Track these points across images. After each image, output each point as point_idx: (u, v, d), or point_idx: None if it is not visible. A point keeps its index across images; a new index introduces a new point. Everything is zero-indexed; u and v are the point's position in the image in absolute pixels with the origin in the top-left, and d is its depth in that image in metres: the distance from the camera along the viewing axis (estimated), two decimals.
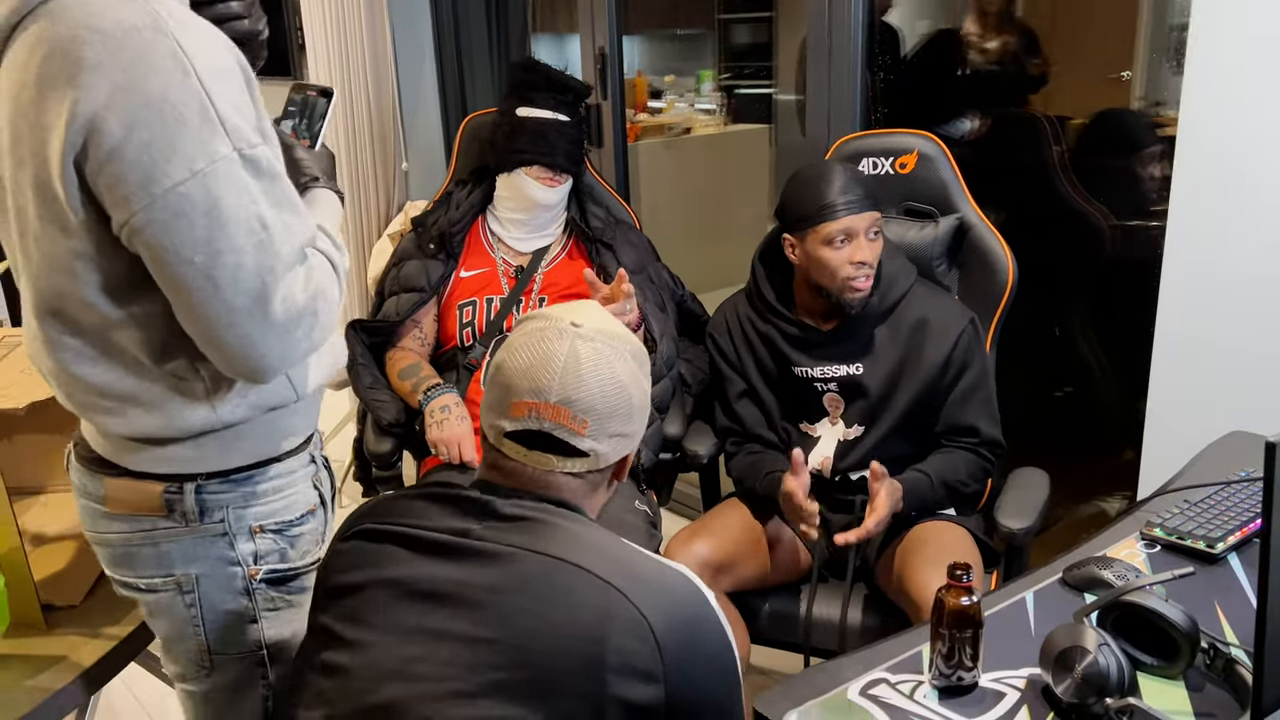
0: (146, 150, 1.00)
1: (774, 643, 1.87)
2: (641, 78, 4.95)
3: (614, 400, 1.09)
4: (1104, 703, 1.04)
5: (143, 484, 1.19)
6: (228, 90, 1.04)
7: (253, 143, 1.05)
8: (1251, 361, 1.75)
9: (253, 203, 1.05)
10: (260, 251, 1.05)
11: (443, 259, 2.19)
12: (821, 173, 1.79)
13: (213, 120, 1.02)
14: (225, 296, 1.05)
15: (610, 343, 1.11)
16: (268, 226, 1.05)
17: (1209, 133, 1.72)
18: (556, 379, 1.07)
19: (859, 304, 1.79)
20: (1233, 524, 1.41)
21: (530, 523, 1.07)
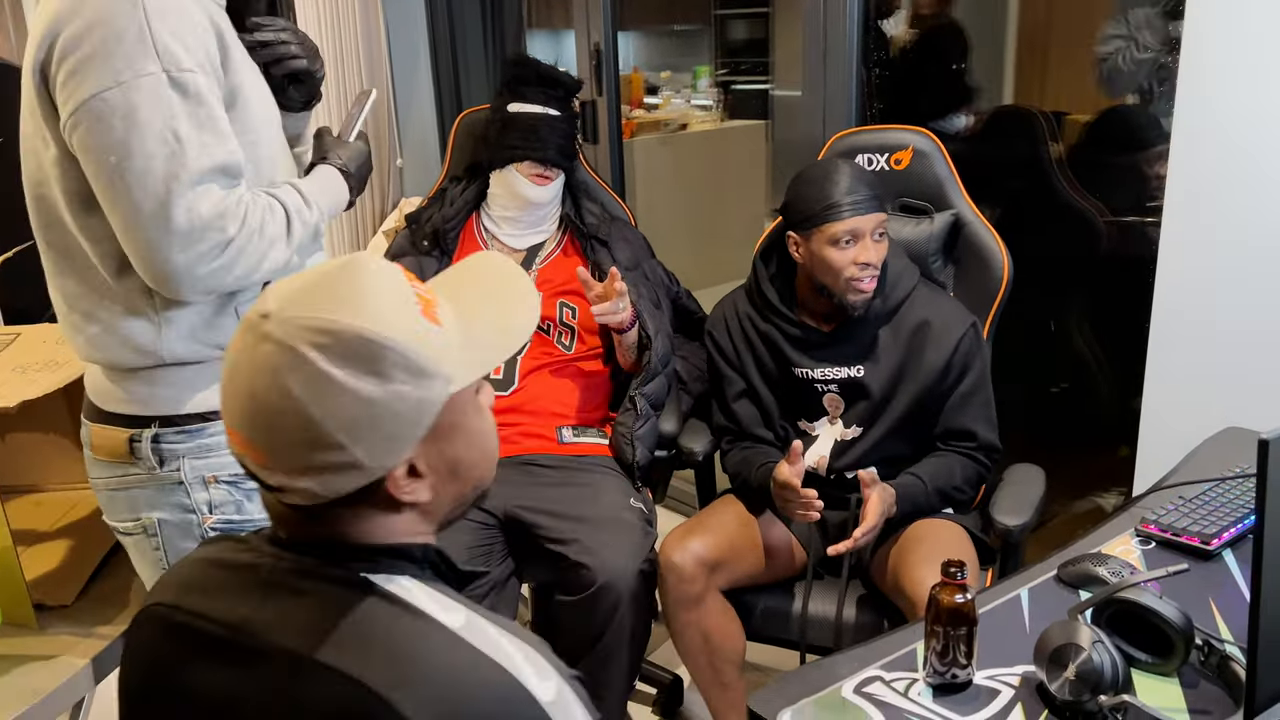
0: (85, 63, 1.15)
1: (769, 640, 1.87)
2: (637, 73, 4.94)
3: (289, 426, 0.79)
4: (1098, 700, 1.04)
5: (113, 429, 1.33)
6: (174, 23, 1.18)
7: (184, 67, 1.18)
8: (1247, 358, 1.75)
9: (171, 117, 1.17)
10: (170, 160, 1.17)
11: (437, 256, 2.18)
12: (828, 171, 1.78)
13: (147, 43, 1.16)
14: (135, 197, 1.17)
15: (295, 342, 0.78)
16: (181, 140, 1.18)
17: (1204, 129, 1.71)
18: (230, 395, 0.82)
19: (862, 306, 1.78)
20: (1227, 520, 1.41)
21: (307, 599, 0.83)
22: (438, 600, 0.82)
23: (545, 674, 0.79)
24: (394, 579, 0.83)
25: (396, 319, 0.82)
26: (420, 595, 0.82)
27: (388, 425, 0.81)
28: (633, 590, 1.78)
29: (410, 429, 0.82)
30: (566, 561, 1.81)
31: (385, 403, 0.80)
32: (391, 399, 0.80)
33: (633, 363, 2.11)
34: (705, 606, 1.77)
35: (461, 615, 0.81)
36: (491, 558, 1.86)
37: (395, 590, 0.83)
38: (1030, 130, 2.52)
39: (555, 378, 2.11)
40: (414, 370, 0.81)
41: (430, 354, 0.82)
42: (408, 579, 0.84)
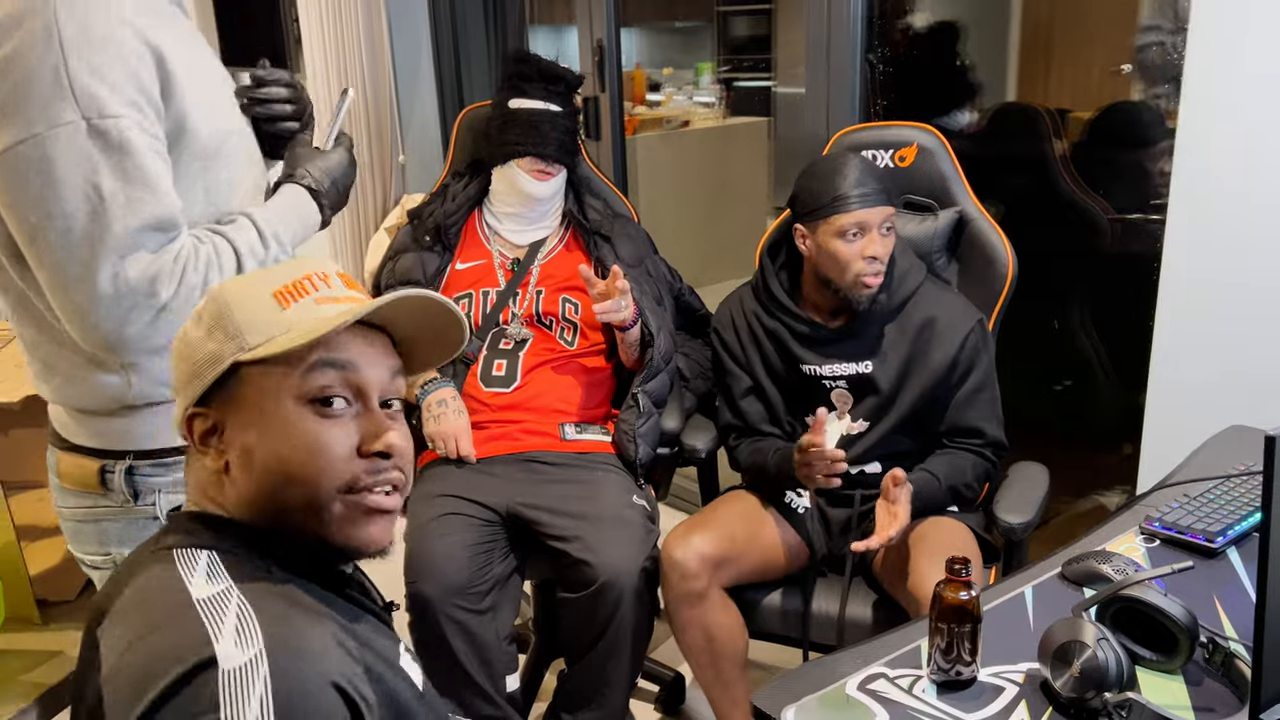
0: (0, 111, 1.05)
1: (772, 637, 1.86)
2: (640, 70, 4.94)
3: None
4: (1102, 697, 1.04)
5: (82, 459, 1.24)
6: (97, 60, 1.06)
7: (107, 113, 1.06)
8: (1251, 356, 1.74)
9: (93, 172, 1.07)
10: (92, 221, 1.07)
11: (439, 252, 2.18)
12: (837, 164, 1.78)
13: (63, 86, 1.05)
14: (57, 259, 1.08)
15: None
16: (104, 197, 1.07)
17: (1210, 126, 1.71)
18: None
19: (868, 300, 1.78)
20: (1232, 518, 1.41)
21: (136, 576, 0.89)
22: (212, 573, 0.84)
23: (246, 645, 0.77)
24: (199, 553, 0.86)
25: (250, 285, 0.92)
26: (200, 568, 0.85)
27: (190, 361, 0.91)
28: (635, 587, 1.78)
29: (202, 372, 0.90)
30: (568, 559, 1.80)
31: (196, 339, 0.91)
32: (200, 337, 0.90)
33: (635, 360, 2.10)
34: (708, 604, 1.77)
35: (218, 588, 0.83)
36: (494, 555, 1.85)
37: (182, 560, 0.86)
38: (1034, 127, 2.51)
39: (558, 374, 2.11)
40: (222, 325, 0.90)
41: (246, 315, 0.90)
42: (210, 554, 0.86)
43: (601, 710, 1.87)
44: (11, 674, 1.35)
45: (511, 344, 2.11)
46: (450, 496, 1.89)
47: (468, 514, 1.87)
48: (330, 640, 0.81)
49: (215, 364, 0.89)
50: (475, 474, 1.96)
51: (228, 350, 0.89)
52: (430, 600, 1.76)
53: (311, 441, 0.88)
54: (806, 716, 1.10)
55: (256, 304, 0.90)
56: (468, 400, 2.08)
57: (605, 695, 1.86)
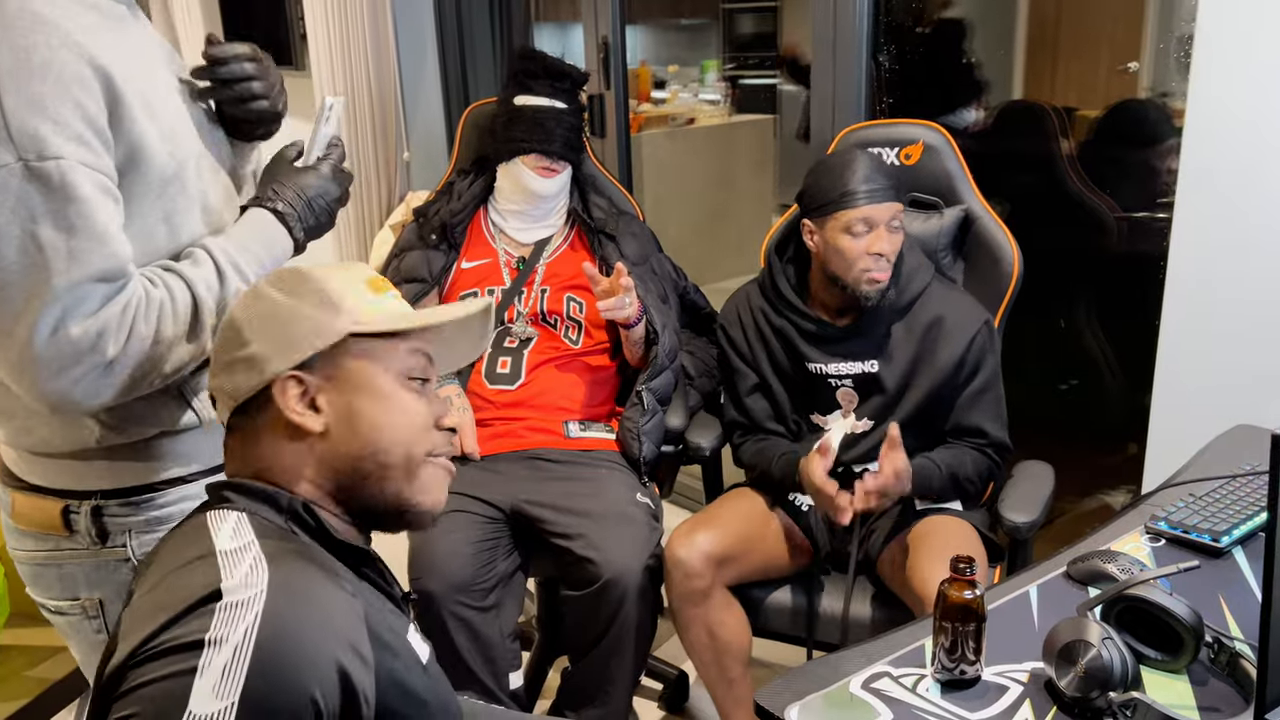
0: None
1: (775, 635, 1.86)
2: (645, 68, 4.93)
3: (224, 329, 1.02)
4: (1107, 697, 1.04)
5: (42, 500, 1.15)
6: (39, 91, 0.96)
7: (47, 154, 0.96)
8: (1257, 354, 1.74)
9: (30, 220, 0.96)
10: (30, 273, 0.97)
11: (444, 250, 2.18)
12: (846, 160, 1.77)
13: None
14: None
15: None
16: (43, 248, 0.97)
17: (1217, 124, 1.70)
18: None
19: (875, 296, 1.78)
20: (1238, 518, 1.40)
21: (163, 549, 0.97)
22: (238, 531, 0.90)
23: (251, 585, 0.82)
24: (229, 513, 0.92)
25: (334, 271, 1.01)
26: (227, 525, 0.90)
27: (284, 328, 0.97)
28: (639, 585, 1.78)
29: (304, 340, 0.96)
30: (572, 556, 1.80)
31: (288, 308, 0.97)
32: (294, 307, 0.98)
33: (640, 358, 2.10)
34: (711, 602, 1.77)
35: (241, 542, 0.88)
36: (498, 552, 1.85)
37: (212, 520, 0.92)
38: (1040, 125, 2.51)
39: (562, 372, 2.10)
40: (325, 300, 0.98)
41: (346, 295, 0.99)
42: (240, 515, 0.92)
43: (605, 708, 1.87)
44: (15, 670, 1.36)
45: (516, 342, 2.11)
46: (454, 494, 1.89)
47: (472, 511, 1.87)
48: (338, 598, 0.85)
49: (324, 334, 0.97)
50: (479, 471, 1.96)
51: (341, 322, 0.98)
52: (434, 597, 1.76)
53: (413, 411, 1.00)
54: (810, 715, 1.09)
55: (353, 287, 1.01)
56: (472, 398, 2.08)
57: (609, 693, 1.86)
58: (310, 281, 1.00)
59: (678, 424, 2.07)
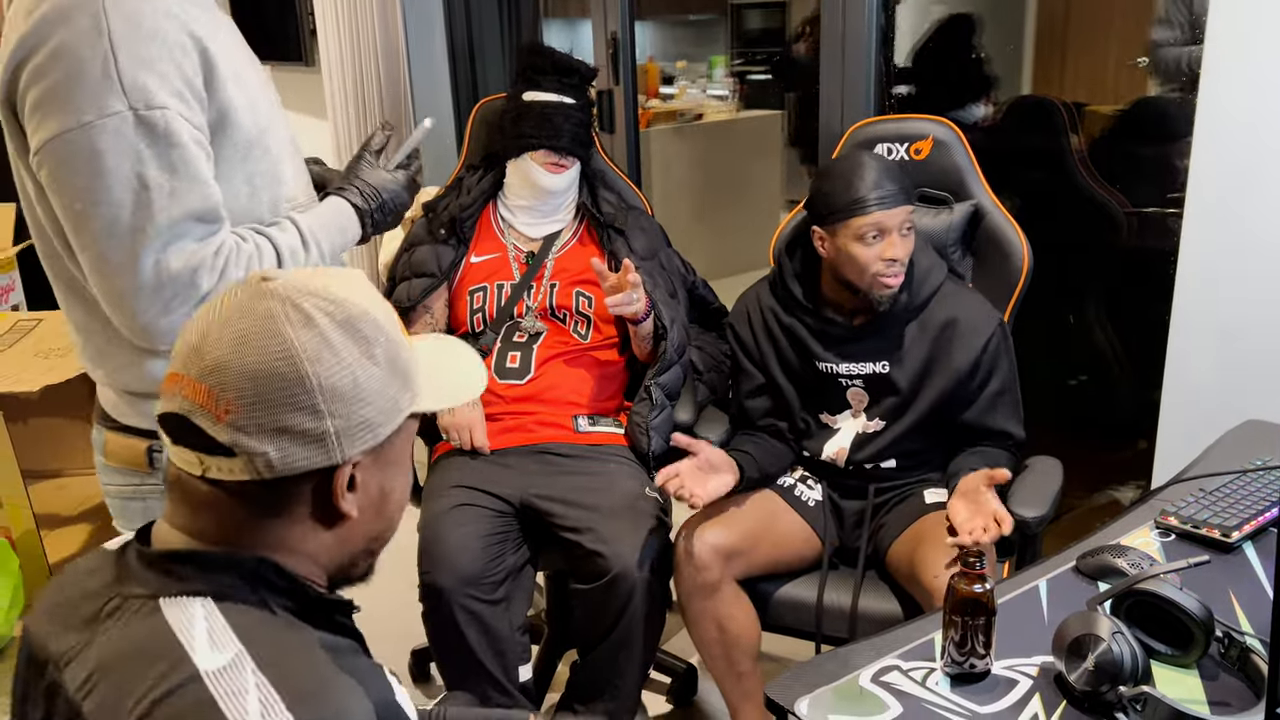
0: (48, 98, 1.07)
1: (784, 629, 1.86)
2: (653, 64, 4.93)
3: (276, 376, 0.77)
4: (1117, 691, 1.04)
5: (130, 439, 1.26)
6: (145, 51, 1.08)
7: (153, 104, 1.08)
8: (1267, 350, 1.74)
9: (138, 162, 1.08)
10: (137, 211, 1.09)
11: (454, 244, 2.18)
12: (854, 165, 1.75)
13: (112, 77, 1.06)
14: (100, 248, 1.10)
15: (300, 302, 0.79)
16: (149, 187, 1.09)
17: (1227, 121, 1.70)
18: (205, 343, 0.78)
19: (889, 301, 1.77)
20: (1248, 513, 1.40)
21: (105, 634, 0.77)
22: (214, 631, 0.76)
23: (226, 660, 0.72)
24: (192, 603, 0.77)
25: (385, 315, 0.85)
26: (198, 627, 0.75)
27: (365, 409, 0.80)
28: (647, 579, 1.78)
29: (380, 423, 0.82)
30: (581, 550, 1.81)
31: (370, 384, 0.81)
32: (376, 383, 0.81)
33: (648, 353, 2.10)
34: (720, 595, 1.77)
35: (227, 656, 0.73)
36: (507, 545, 1.86)
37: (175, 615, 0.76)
38: (1050, 121, 2.50)
39: (571, 367, 2.11)
40: (397, 368, 0.84)
41: (410, 366, 0.85)
42: (204, 602, 0.77)
43: (614, 701, 1.88)
44: None
45: (525, 337, 2.12)
46: (464, 488, 1.90)
47: (481, 505, 1.88)
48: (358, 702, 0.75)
49: (397, 414, 0.83)
50: (489, 465, 1.97)
51: (405, 400, 0.84)
52: (444, 590, 1.77)
53: (410, 476, 0.91)
54: (820, 708, 1.10)
55: (405, 346, 0.86)
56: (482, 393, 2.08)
57: (617, 686, 1.86)
58: (378, 327, 0.83)
59: (686, 418, 2.07)
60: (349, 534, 0.85)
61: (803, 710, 1.10)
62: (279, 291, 0.79)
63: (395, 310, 0.89)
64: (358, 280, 0.86)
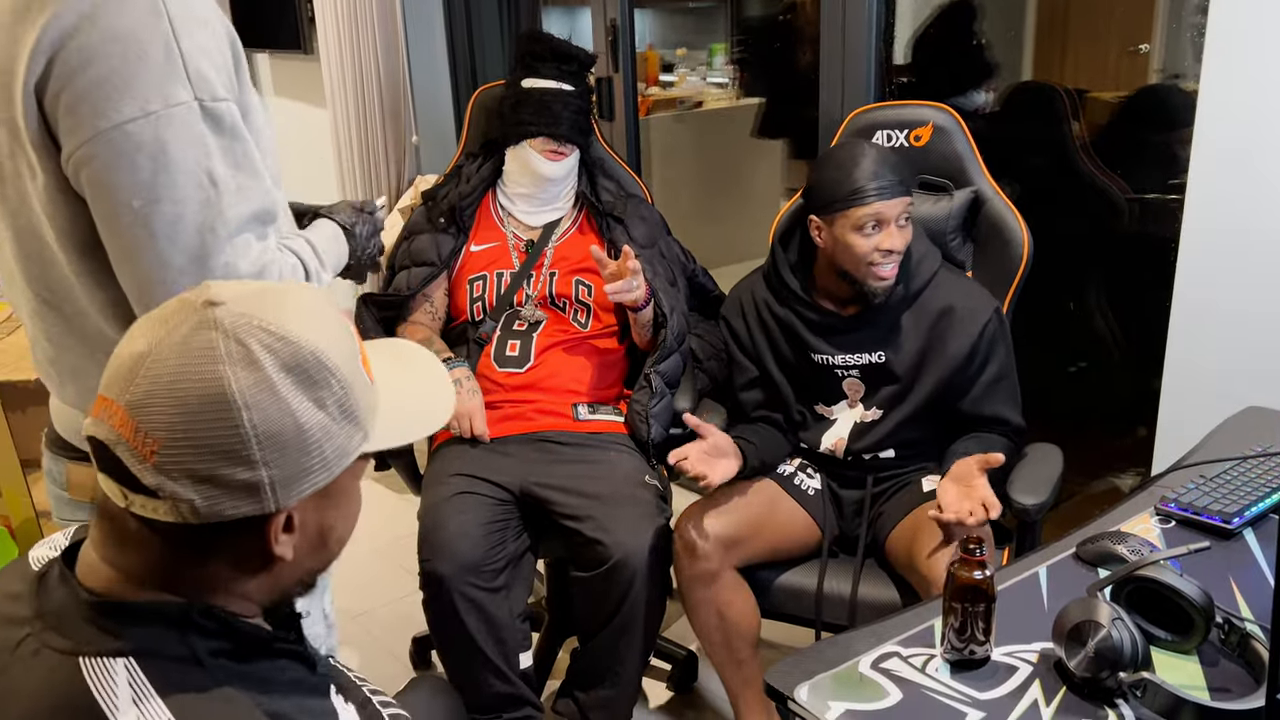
0: (102, 83, 0.96)
1: (784, 617, 1.87)
2: (653, 51, 4.91)
3: (207, 421, 0.71)
4: (1117, 677, 1.04)
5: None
6: (201, 39, 1.01)
7: (217, 96, 1.01)
8: (1268, 337, 1.73)
9: (206, 156, 1.00)
10: (205, 208, 1.00)
11: (453, 233, 2.18)
12: (853, 154, 1.74)
13: (177, 64, 0.98)
14: (160, 249, 0.99)
15: (244, 338, 0.73)
16: (217, 183, 1.01)
17: (1229, 106, 1.69)
18: (139, 370, 0.72)
19: (884, 292, 1.76)
20: (1248, 499, 1.40)
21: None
22: (139, 695, 0.72)
23: None
24: (114, 664, 0.72)
25: (342, 354, 0.78)
26: (121, 690, 0.71)
27: (307, 459, 0.75)
28: (647, 567, 1.78)
29: (321, 471, 0.76)
30: (581, 538, 1.81)
31: (315, 432, 0.75)
32: (321, 432, 0.75)
33: (648, 341, 2.10)
34: (720, 583, 1.77)
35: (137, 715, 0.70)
36: (507, 533, 1.86)
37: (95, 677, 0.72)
38: (1051, 107, 2.49)
39: (570, 355, 2.11)
40: (347, 412, 0.77)
41: (361, 402, 0.79)
42: (127, 663, 0.73)
43: (614, 688, 1.88)
44: None
45: (525, 325, 2.11)
46: (464, 476, 1.90)
47: (481, 493, 1.88)
48: None
49: (345, 457, 0.78)
50: (489, 453, 1.97)
51: (356, 444, 0.79)
52: (444, 578, 1.77)
53: (358, 508, 0.86)
54: (820, 694, 1.10)
55: (362, 385, 0.80)
56: (481, 380, 2.08)
57: (618, 673, 1.87)
58: (328, 371, 0.76)
59: (686, 406, 2.07)
60: (283, 573, 0.80)
61: (803, 696, 1.10)
62: (224, 322, 0.72)
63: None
64: (318, 306, 0.79)
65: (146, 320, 0.76)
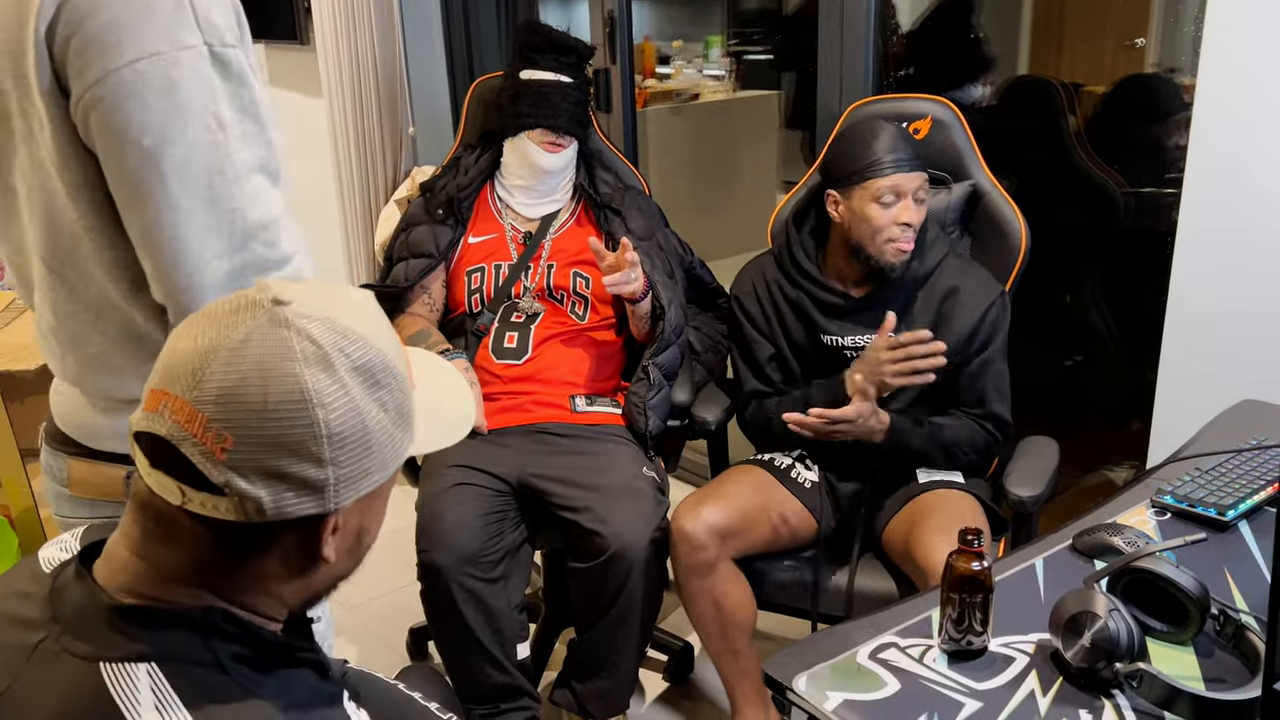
0: (112, 27, 0.97)
1: (780, 609, 1.87)
2: (649, 43, 4.90)
3: (283, 419, 0.72)
4: (1113, 668, 1.05)
5: (104, 466, 1.13)
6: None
7: (225, 42, 1.02)
8: (1263, 330, 1.74)
9: (214, 100, 1.01)
10: (213, 150, 1.00)
11: (451, 225, 2.18)
12: (872, 129, 1.77)
13: (186, 10, 0.99)
14: (170, 191, 0.99)
15: (318, 337, 0.74)
16: (225, 127, 1.01)
17: (1228, 100, 1.69)
18: (208, 366, 0.72)
19: (900, 268, 1.78)
20: (1244, 492, 1.41)
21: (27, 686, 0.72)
22: (161, 703, 0.71)
23: None
24: (137, 669, 0.72)
25: (397, 356, 0.80)
26: (143, 697, 0.71)
27: (368, 460, 0.76)
28: (644, 558, 1.79)
29: (379, 472, 0.77)
30: (579, 529, 1.82)
31: (377, 433, 0.76)
32: (383, 433, 0.77)
33: (646, 333, 2.10)
34: (717, 575, 1.78)
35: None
36: (505, 524, 1.87)
37: (116, 683, 0.71)
38: (1047, 101, 2.50)
39: (568, 347, 2.11)
40: (403, 414, 0.79)
41: (409, 405, 0.81)
42: (150, 668, 0.72)
43: (611, 679, 1.89)
44: None
45: (523, 317, 2.11)
46: (462, 467, 1.90)
47: (479, 484, 1.88)
48: None
49: (394, 462, 0.79)
50: (486, 445, 1.97)
51: (405, 444, 0.80)
52: (442, 569, 1.77)
53: (385, 513, 0.86)
54: (818, 684, 1.10)
55: (405, 383, 0.80)
56: (479, 372, 2.08)
57: (615, 664, 1.88)
58: (391, 374, 0.78)
59: (684, 399, 2.07)
60: (319, 577, 0.81)
61: (801, 686, 1.10)
62: (294, 321, 0.73)
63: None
64: (373, 307, 0.81)
65: (203, 317, 0.75)
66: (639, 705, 2.15)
